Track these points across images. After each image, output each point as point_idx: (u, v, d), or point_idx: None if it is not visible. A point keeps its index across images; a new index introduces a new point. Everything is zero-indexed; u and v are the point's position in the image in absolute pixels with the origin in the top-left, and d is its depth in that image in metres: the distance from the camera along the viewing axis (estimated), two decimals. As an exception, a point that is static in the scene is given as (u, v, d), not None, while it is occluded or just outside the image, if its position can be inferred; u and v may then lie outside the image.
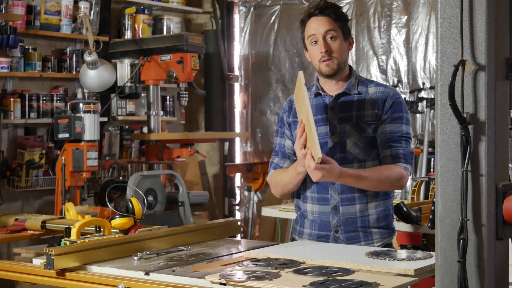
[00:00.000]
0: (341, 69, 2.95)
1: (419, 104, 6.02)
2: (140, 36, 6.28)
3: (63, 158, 4.68)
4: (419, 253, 2.61)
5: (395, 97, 2.94)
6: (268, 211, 5.07)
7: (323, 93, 2.99)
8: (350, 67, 3.04)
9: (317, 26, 2.91)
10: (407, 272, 2.35)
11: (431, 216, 3.84)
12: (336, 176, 2.73)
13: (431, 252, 2.64)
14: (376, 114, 2.91)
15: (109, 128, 6.15)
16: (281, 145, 3.10)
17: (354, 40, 3.03)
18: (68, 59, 5.90)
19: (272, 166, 3.12)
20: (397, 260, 2.50)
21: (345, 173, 2.77)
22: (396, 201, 3.84)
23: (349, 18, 3.03)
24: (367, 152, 2.91)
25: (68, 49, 5.93)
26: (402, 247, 3.87)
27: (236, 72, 7.22)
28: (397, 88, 6.00)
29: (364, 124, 2.91)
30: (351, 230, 2.93)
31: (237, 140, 7.28)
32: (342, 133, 2.92)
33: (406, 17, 6.16)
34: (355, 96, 2.95)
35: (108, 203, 3.40)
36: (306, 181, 3.02)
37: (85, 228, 3.00)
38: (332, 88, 2.98)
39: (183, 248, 2.93)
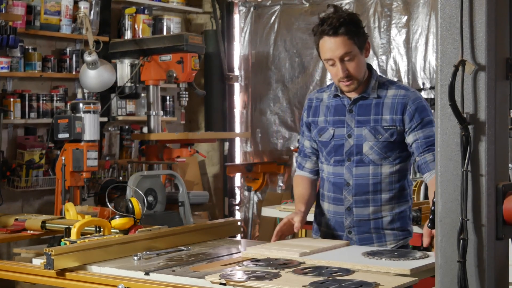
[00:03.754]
0: (361, 82, 2.92)
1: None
2: (140, 36, 6.28)
3: (63, 158, 4.68)
4: (417, 253, 2.62)
5: (417, 101, 2.90)
6: (268, 211, 5.07)
7: (341, 95, 2.98)
8: (370, 67, 2.99)
9: (333, 49, 2.82)
10: (403, 272, 2.36)
11: (431, 216, 3.83)
12: None
13: (428, 252, 2.66)
14: (394, 119, 2.88)
15: (109, 128, 6.15)
16: (302, 145, 3.17)
17: (369, 43, 2.94)
18: (68, 59, 5.90)
19: (296, 164, 3.23)
20: (393, 260, 2.50)
21: None
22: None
23: (361, 21, 2.96)
24: (383, 156, 2.91)
25: (68, 49, 5.92)
26: (405, 247, 3.87)
27: (236, 72, 7.22)
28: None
29: (381, 129, 2.90)
30: (364, 232, 2.93)
31: (237, 140, 7.28)
32: (359, 136, 2.92)
33: (406, 17, 6.16)
34: (374, 100, 2.92)
35: (108, 203, 3.40)
36: (324, 180, 3.04)
37: (85, 228, 3.01)
38: (352, 91, 2.96)
39: (183, 248, 2.93)
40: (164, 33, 6.67)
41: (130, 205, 3.08)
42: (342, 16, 2.83)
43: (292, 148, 6.70)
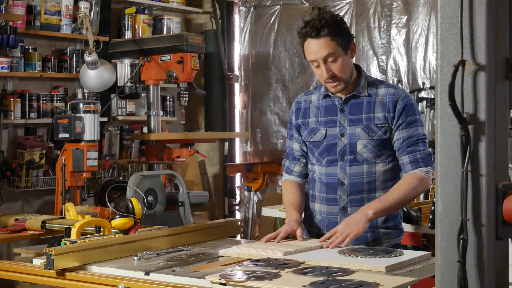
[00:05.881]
0: (349, 82, 2.94)
1: (419, 104, 6.01)
2: (140, 36, 6.28)
3: (63, 158, 4.68)
4: (394, 251, 2.65)
5: (406, 100, 2.93)
6: (268, 211, 5.08)
7: (332, 95, 2.99)
8: (358, 67, 3.02)
9: (316, 50, 2.86)
10: (379, 269, 2.38)
11: (431, 216, 3.84)
12: (365, 222, 2.79)
13: (403, 250, 2.70)
14: (386, 116, 2.91)
15: (109, 128, 6.15)
16: (290, 148, 3.15)
17: (355, 44, 2.97)
18: (68, 59, 5.90)
19: (284, 168, 3.20)
20: (369, 258, 2.52)
21: (373, 217, 2.82)
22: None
23: (347, 23, 2.98)
24: (376, 154, 2.93)
25: (68, 49, 5.93)
26: (402, 247, 3.88)
27: (236, 72, 7.22)
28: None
29: (374, 127, 2.91)
30: None
31: (237, 140, 7.28)
32: (352, 135, 2.93)
33: (406, 17, 6.16)
34: (365, 98, 2.95)
35: (108, 203, 3.40)
36: (315, 181, 3.04)
37: (85, 228, 3.01)
38: (339, 92, 2.98)
39: (183, 248, 2.93)
40: (164, 33, 6.67)
41: (130, 205, 3.08)
42: (325, 18, 2.85)
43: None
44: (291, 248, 2.70)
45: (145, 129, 6.11)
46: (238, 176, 7.18)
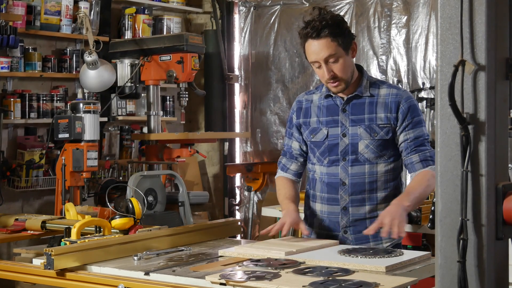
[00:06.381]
0: (350, 83, 2.94)
1: (419, 104, 6.02)
2: (140, 36, 6.28)
3: (63, 158, 4.68)
4: (394, 251, 2.65)
5: (409, 101, 2.94)
6: (268, 211, 5.08)
7: (334, 95, 2.99)
8: (360, 68, 3.02)
9: (317, 51, 2.86)
10: (379, 269, 2.38)
11: (431, 216, 3.85)
12: (405, 212, 2.80)
13: (403, 250, 2.69)
14: (388, 117, 2.92)
15: (109, 128, 6.15)
16: (288, 146, 3.15)
17: (356, 44, 2.97)
18: (68, 59, 5.90)
19: (280, 166, 3.21)
20: (369, 258, 2.53)
21: (408, 208, 2.83)
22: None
23: (347, 22, 2.98)
24: (378, 154, 2.93)
25: (68, 49, 5.92)
26: (402, 247, 3.89)
27: (236, 72, 7.21)
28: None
29: (376, 127, 2.92)
30: (360, 231, 2.94)
31: (237, 140, 7.28)
32: (354, 135, 2.94)
33: (406, 17, 6.16)
34: (367, 99, 2.95)
35: (108, 203, 3.40)
36: (316, 181, 3.04)
37: (85, 228, 3.01)
38: (340, 92, 2.98)
39: (183, 248, 2.93)
40: (164, 33, 6.67)
41: (130, 205, 3.09)
42: (325, 19, 2.85)
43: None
44: (293, 248, 2.70)
45: (145, 129, 6.11)
46: (238, 176, 7.18)
